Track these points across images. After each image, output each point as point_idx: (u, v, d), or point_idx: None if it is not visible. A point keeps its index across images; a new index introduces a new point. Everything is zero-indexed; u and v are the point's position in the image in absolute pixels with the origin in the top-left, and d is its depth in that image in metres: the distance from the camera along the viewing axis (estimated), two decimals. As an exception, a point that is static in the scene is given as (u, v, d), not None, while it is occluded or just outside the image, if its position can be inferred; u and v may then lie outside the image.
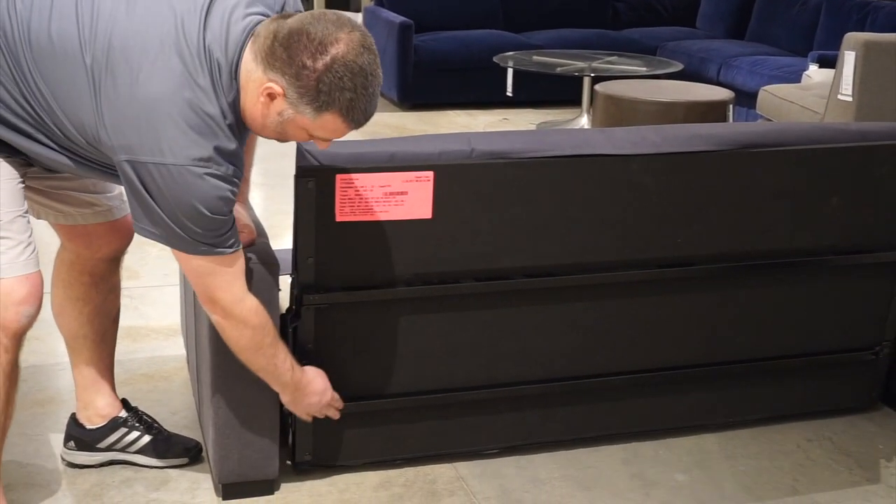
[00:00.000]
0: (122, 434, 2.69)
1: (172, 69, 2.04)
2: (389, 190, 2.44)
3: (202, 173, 2.06)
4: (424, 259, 2.55)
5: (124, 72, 2.05)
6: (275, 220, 3.70)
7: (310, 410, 2.51)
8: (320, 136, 2.13)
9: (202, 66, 2.05)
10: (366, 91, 2.05)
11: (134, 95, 2.04)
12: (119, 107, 2.05)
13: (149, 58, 2.04)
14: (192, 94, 2.04)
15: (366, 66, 2.03)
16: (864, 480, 2.78)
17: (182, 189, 2.06)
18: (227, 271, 2.22)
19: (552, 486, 2.70)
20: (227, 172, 2.10)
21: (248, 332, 2.30)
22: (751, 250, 2.79)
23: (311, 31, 2.00)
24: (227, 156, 2.10)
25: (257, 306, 2.30)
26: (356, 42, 2.02)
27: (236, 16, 2.09)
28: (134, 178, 2.08)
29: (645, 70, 6.53)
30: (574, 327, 2.73)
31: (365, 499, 2.61)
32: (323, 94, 2.02)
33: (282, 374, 2.40)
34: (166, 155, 2.04)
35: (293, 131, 2.13)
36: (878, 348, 3.01)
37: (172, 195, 2.07)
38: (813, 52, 6.21)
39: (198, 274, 2.22)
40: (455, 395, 2.70)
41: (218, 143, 2.08)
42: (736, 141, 2.68)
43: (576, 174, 2.58)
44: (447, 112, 7.21)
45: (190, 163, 2.05)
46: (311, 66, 2.00)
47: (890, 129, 2.84)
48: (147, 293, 3.83)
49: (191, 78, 2.04)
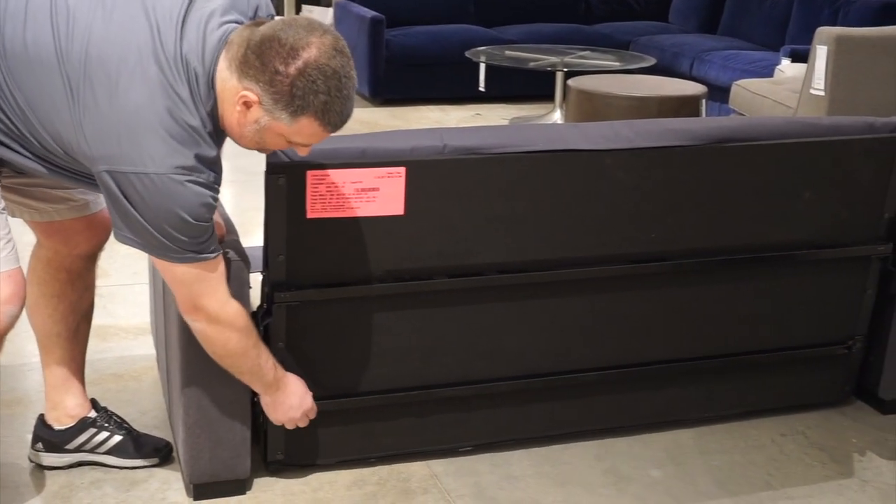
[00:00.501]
0: (91, 435, 2.66)
1: (151, 78, 2.04)
2: (361, 186, 2.43)
3: (184, 181, 2.06)
4: (397, 256, 2.53)
5: (103, 81, 2.04)
6: (245, 217, 3.68)
7: (290, 414, 2.49)
8: (298, 141, 2.13)
9: (180, 76, 2.05)
10: (340, 93, 2.05)
11: (113, 105, 2.04)
12: (98, 117, 2.04)
13: (127, 67, 2.04)
14: (172, 104, 2.04)
15: (339, 69, 2.03)
16: (838, 474, 2.79)
17: (165, 198, 2.06)
18: (211, 276, 2.22)
19: (526, 482, 2.69)
20: (209, 180, 2.11)
21: (235, 335, 2.30)
22: (724, 245, 2.79)
23: (282, 37, 2.01)
24: (209, 163, 2.10)
25: (240, 309, 2.30)
26: (328, 45, 2.02)
27: (212, 25, 2.08)
28: (115, 188, 2.07)
29: (618, 65, 6.53)
30: (548, 323, 2.72)
31: (338, 497, 2.59)
32: (297, 98, 2.02)
33: (266, 375, 2.40)
34: (148, 164, 2.03)
35: (271, 139, 2.13)
36: (850, 342, 3.01)
37: (155, 204, 2.06)
38: (785, 46, 6.22)
39: (182, 282, 2.22)
40: (428, 392, 2.68)
41: (199, 152, 2.08)
42: (709, 136, 2.68)
43: (549, 169, 2.57)
44: (419, 107, 7.19)
45: (172, 171, 2.04)
46: (284, 72, 2.00)
47: (862, 123, 2.85)
48: (116, 292, 3.79)
49: (170, 87, 2.04)
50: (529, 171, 2.56)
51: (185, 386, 2.46)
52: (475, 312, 2.65)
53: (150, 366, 3.20)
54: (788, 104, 4.89)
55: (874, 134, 2.84)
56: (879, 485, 2.75)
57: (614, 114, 5.02)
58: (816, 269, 2.91)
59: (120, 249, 2.22)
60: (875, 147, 2.82)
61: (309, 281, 2.50)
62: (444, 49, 7.27)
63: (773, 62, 6.14)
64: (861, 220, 2.88)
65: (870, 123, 2.85)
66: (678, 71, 6.95)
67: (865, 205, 2.87)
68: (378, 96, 7.21)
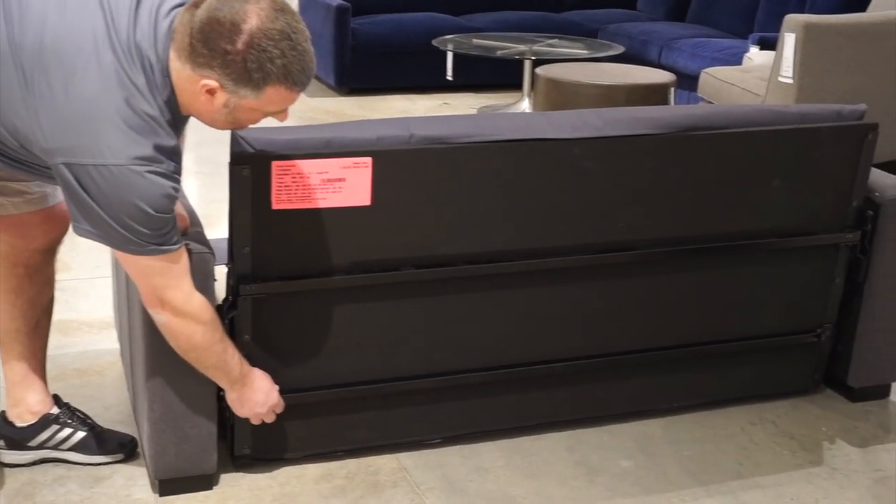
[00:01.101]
0: (54, 431, 2.62)
1: (107, 67, 2.01)
2: (327, 177, 2.40)
3: (144, 172, 2.03)
4: (364, 247, 2.51)
5: (58, 71, 2.01)
6: (210, 208, 3.64)
7: (256, 410, 2.46)
8: (272, 109, 2.11)
9: (135, 64, 2.03)
10: (295, 51, 2.03)
11: (69, 95, 2.00)
12: (55, 108, 2.01)
13: (83, 57, 2.01)
14: (128, 93, 2.02)
15: (285, 28, 2.01)
16: (808, 463, 2.79)
17: (125, 189, 2.02)
18: (174, 268, 2.19)
19: (496, 474, 2.68)
20: (169, 170, 2.07)
21: (200, 329, 2.27)
22: (692, 234, 2.78)
23: (219, 17, 1.98)
24: (168, 153, 2.07)
25: (205, 302, 2.28)
26: (267, 9, 2.00)
27: (162, 12, 2.06)
28: (72, 180, 2.03)
29: (586, 53, 6.52)
30: (516, 314, 2.71)
31: (306, 492, 2.57)
32: (255, 71, 2.00)
33: (232, 370, 2.37)
34: (106, 155, 2.00)
35: (245, 116, 2.12)
36: (819, 330, 3.01)
37: (114, 196, 2.03)
38: (753, 34, 6.23)
39: (145, 275, 2.18)
40: (396, 384, 2.66)
41: (158, 141, 2.05)
42: (677, 124, 2.67)
43: (517, 159, 2.56)
44: (386, 97, 7.15)
45: (131, 162, 2.01)
46: (233, 50, 1.98)
47: (830, 111, 2.85)
48: (78, 285, 3.74)
49: (126, 76, 2.02)
50: (497, 161, 2.54)
51: (149, 380, 2.43)
52: (443, 303, 2.63)
53: (114, 360, 3.16)
54: (757, 92, 4.89)
55: (842, 121, 2.84)
56: (848, 472, 2.75)
57: (583, 102, 5.01)
58: (785, 258, 2.91)
59: (82, 243, 2.18)
60: (843, 135, 2.82)
61: (275, 273, 2.47)
62: (410, 37, 7.23)
63: (741, 50, 6.15)
64: (829, 207, 2.88)
65: (837, 111, 2.85)
66: (647, 59, 6.94)
67: (833, 192, 2.87)
68: (344, 85, 7.16)
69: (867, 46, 4.41)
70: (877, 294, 2.96)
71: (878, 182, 2.93)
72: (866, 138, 2.83)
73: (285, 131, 2.42)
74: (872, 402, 3.10)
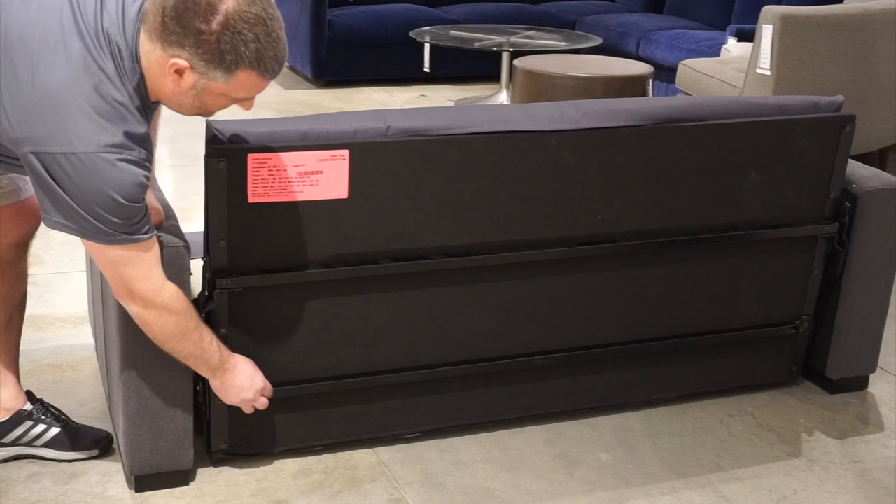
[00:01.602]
0: (27, 428, 2.59)
1: (75, 54, 1.99)
2: (304, 169, 2.39)
3: (115, 160, 2.01)
4: (341, 240, 2.49)
5: (24, 61, 1.99)
6: (186, 202, 3.61)
7: (242, 396, 2.43)
8: (240, 95, 2.09)
9: (103, 50, 2.01)
10: (269, 38, 2.01)
11: (37, 84, 1.98)
12: (22, 97, 1.99)
13: (49, 45, 1.99)
14: (97, 80, 1.99)
15: (261, 14, 1.99)
16: (786, 455, 2.79)
17: (95, 177, 2.00)
18: (144, 258, 2.16)
19: (475, 468, 2.67)
20: (140, 157, 2.05)
21: (173, 319, 2.24)
22: (670, 226, 2.78)
23: None
24: (139, 140, 2.05)
25: (177, 291, 2.25)
26: None
27: None
28: (41, 170, 2.01)
29: (564, 45, 6.51)
30: (494, 307, 2.70)
31: (284, 487, 2.55)
32: (227, 53, 1.99)
33: (210, 358, 2.34)
34: (75, 143, 1.98)
35: (212, 100, 2.10)
36: (798, 322, 3.02)
37: (85, 185, 2.01)
38: (731, 25, 6.22)
39: (114, 265, 2.15)
40: (374, 378, 2.65)
41: (128, 129, 2.03)
42: (655, 116, 2.66)
43: (495, 151, 2.54)
44: (363, 89, 7.12)
45: (101, 150, 1.99)
46: (208, 30, 1.97)
47: (808, 102, 2.85)
48: (52, 280, 3.70)
49: (95, 63, 2.00)
50: (475, 153, 2.53)
51: (124, 375, 2.40)
52: (421, 297, 2.62)
53: (89, 355, 3.13)
54: (735, 83, 4.89)
55: (819, 113, 2.84)
56: (827, 464, 2.76)
57: (561, 94, 5.00)
58: (763, 250, 2.91)
59: (56, 237, 2.17)
60: (820, 126, 2.82)
61: (251, 267, 2.45)
62: (388, 29, 7.20)
63: (719, 42, 6.15)
64: (807, 199, 2.88)
65: (815, 102, 2.86)
66: (624, 51, 6.94)
67: (811, 184, 2.87)
68: (321, 77, 7.13)
69: (844, 38, 4.42)
70: (855, 286, 2.97)
71: (856, 173, 2.94)
72: (844, 130, 2.83)
73: (261, 124, 2.40)
74: (851, 393, 3.10)
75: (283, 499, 2.51)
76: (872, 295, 2.99)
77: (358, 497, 2.53)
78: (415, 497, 2.55)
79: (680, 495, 2.60)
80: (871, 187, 2.90)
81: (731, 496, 2.60)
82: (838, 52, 4.42)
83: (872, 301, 3.00)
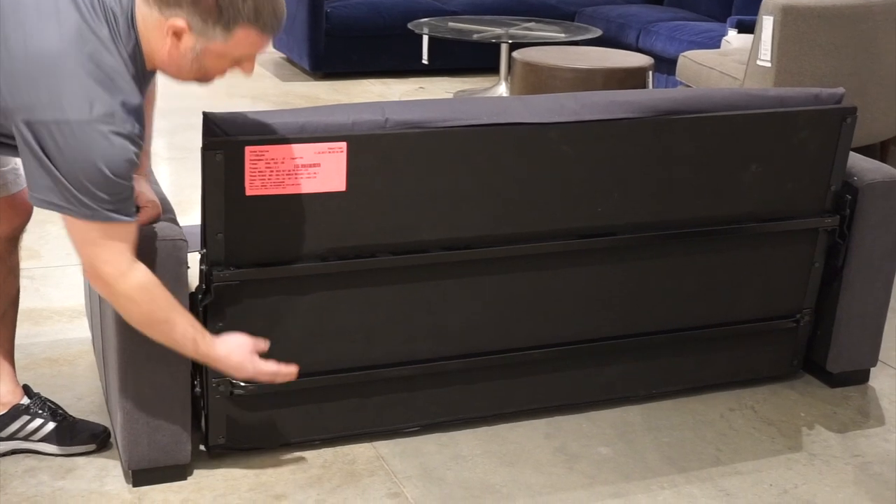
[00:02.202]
0: (24, 422, 2.57)
1: (69, 21, 1.96)
2: (301, 162, 2.37)
3: (107, 132, 1.97)
4: (339, 233, 2.48)
5: (16, 28, 1.96)
6: (183, 195, 3.60)
7: (242, 372, 2.35)
8: (240, 54, 2.07)
9: (98, 16, 1.98)
10: None
11: (30, 52, 1.95)
12: (14, 65, 1.96)
13: (42, 12, 1.96)
14: (92, 47, 1.97)
15: None
16: (787, 449, 2.78)
17: (85, 148, 1.96)
18: (116, 243, 2.11)
19: (474, 462, 2.66)
20: (132, 131, 2.01)
21: (135, 308, 2.19)
22: (670, 219, 2.77)
23: None
24: (132, 111, 2.02)
25: (143, 282, 2.17)
26: None
27: None
28: (32, 140, 1.97)
29: (563, 36, 6.49)
30: (493, 300, 2.68)
31: (282, 481, 2.54)
32: (226, 10, 1.98)
33: (185, 349, 2.28)
34: (67, 111, 1.95)
35: (211, 63, 2.08)
36: (798, 316, 3.00)
37: (74, 156, 1.97)
38: (731, 17, 6.21)
39: (86, 242, 2.10)
40: (373, 372, 2.64)
41: (123, 98, 2.00)
42: (655, 108, 2.65)
43: (494, 143, 2.53)
44: (361, 81, 7.10)
45: (94, 119, 1.96)
46: None
47: (808, 94, 2.84)
48: (49, 274, 3.69)
49: (89, 29, 1.97)
50: (474, 146, 2.51)
51: (122, 370, 2.39)
52: (420, 290, 2.61)
53: (86, 349, 3.12)
54: (735, 75, 4.88)
55: (820, 105, 2.83)
56: (827, 458, 2.75)
57: (560, 86, 4.99)
58: (764, 243, 2.90)
59: (51, 230, 2.15)
60: (821, 118, 2.80)
61: (248, 260, 2.44)
62: (385, 21, 7.18)
63: (719, 33, 6.13)
64: (808, 192, 2.87)
65: (815, 94, 2.84)
66: (624, 42, 6.92)
67: (812, 177, 2.86)
68: (318, 70, 7.10)
69: (846, 29, 4.40)
70: (856, 279, 2.96)
71: (857, 166, 2.92)
72: (845, 122, 2.82)
73: (259, 116, 2.38)
74: (851, 387, 3.09)
75: (282, 493, 2.50)
76: (873, 288, 2.98)
77: (356, 491, 2.52)
78: (413, 491, 2.54)
79: (680, 489, 2.59)
80: (873, 180, 2.88)
81: (731, 490, 2.59)
82: (839, 43, 4.40)
83: (873, 294, 2.99)
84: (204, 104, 2.82)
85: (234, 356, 2.34)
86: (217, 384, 2.50)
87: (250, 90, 6.56)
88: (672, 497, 2.56)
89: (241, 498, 2.48)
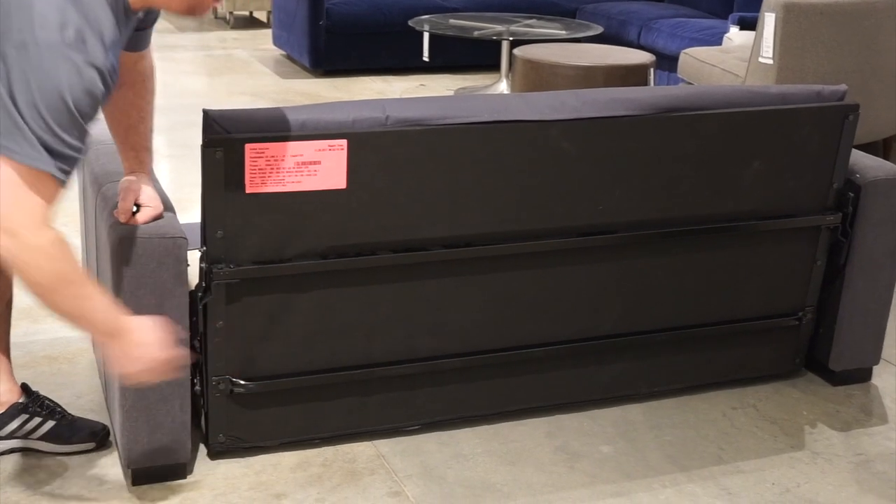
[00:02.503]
0: (23, 421, 2.57)
1: None
2: (302, 159, 2.36)
3: (77, 60, 1.88)
4: (339, 231, 2.47)
5: None
6: (183, 192, 3.59)
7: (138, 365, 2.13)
8: None
9: None
10: None
11: None
12: None
13: None
14: None
15: None
16: (789, 447, 2.77)
17: (53, 74, 1.86)
18: (41, 198, 1.93)
19: (475, 461, 2.65)
20: (104, 65, 1.93)
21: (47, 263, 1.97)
22: (672, 216, 2.76)
23: None
24: (106, 44, 1.94)
25: (59, 237, 1.98)
26: None
27: None
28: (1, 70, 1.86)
29: (564, 33, 6.48)
30: (494, 298, 2.67)
31: (282, 480, 2.53)
32: None
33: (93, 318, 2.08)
34: (37, 32, 1.85)
35: None
36: (800, 314, 2.99)
37: (39, 83, 1.86)
38: (733, 14, 6.19)
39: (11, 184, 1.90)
40: (373, 370, 2.63)
41: (99, 27, 1.92)
42: (656, 105, 2.64)
43: (494, 141, 2.52)
44: (362, 78, 7.09)
45: (64, 42, 1.87)
46: None
47: (810, 91, 2.83)
48: (51, 270, 3.67)
49: None
50: (474, 143, 2.51)
51: (120, 368, 2.38)
52: (420, 288, 2.60)
53: (85, 347, 3.11)
54: (737, 73, 4.87)
55: (822, 102, 2.82)
56: (830, 456, 2.74)
57: (561, 83, 4.98)
58: (766, 240, 2.89)
59: (53, 228, 2.12)
60: (823, 115, 2.79)
61: (249, 257, 2.43)
62: (386, 18, 7.16)
63: (721, 30, 6.12)
64: (810, 189, 2.86)
65: (817, 92, 2.83)
66: (625, 39, 6.91)
67: (814, 174, 2.85)
68: (319, 67, 7.09)
69: (848, 26, 4.39)
70: (858, 276, 2.95)
71: (859, 163, 2.91)
72: (847, 119, 2.81)
73: (259, 113, 2.38)
74: (854, 385, 3.08)
75: (282, 492, 2.49)
76: (876, 286, 2.97)
77: (357, 490, 2.51)
78: (414, 490, 2.53)
79: (682, 488, 2.58)
80: (875, 177, 2.88)
81: (733, 489, 2.59)
82: (841, 40, 4.39)
83: (876, 292, 2.98)
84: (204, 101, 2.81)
85: (148, 333, 2.14)
86: (217, 382, 2.49)
87: (250, 87, 6.55)
88: (674, 496, 2.55)
89: (240, 497, 2.47)
